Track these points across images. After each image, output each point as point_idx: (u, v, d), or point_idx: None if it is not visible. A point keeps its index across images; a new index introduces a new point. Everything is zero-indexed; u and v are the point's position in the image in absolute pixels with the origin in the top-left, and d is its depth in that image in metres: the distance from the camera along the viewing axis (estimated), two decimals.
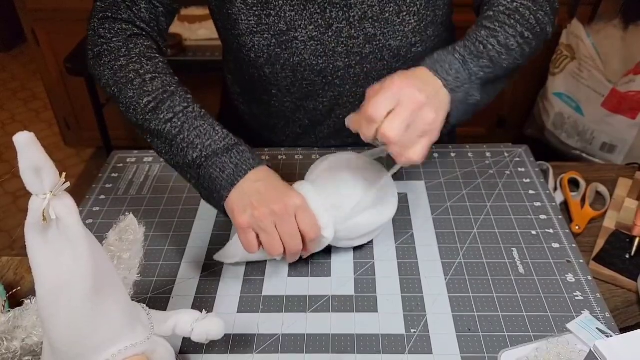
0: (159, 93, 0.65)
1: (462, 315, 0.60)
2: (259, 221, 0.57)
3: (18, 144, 0.38)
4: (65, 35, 1.94)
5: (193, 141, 0.62)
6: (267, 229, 0.58)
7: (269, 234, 0.58)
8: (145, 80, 0.65)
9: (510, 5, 0.68)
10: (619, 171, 0.85)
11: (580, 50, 1.60)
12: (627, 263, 0.69)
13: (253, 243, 0.59)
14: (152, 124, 0.64)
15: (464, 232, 0.71)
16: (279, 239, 0.58)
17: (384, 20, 0.71)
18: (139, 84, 0.65)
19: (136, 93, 0.65)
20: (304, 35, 0.72)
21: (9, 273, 0.70)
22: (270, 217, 0.58)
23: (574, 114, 1.65)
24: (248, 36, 0.72)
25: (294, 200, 0.59)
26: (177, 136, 0.63)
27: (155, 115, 0.64)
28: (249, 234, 0.59)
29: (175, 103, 0.64)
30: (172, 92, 0.65)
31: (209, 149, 0.61)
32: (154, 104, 0.64)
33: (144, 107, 0.64)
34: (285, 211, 0.58)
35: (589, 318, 0.59)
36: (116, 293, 0.46)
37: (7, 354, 0.52)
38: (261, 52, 0.73)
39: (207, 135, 0.62)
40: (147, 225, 0.71)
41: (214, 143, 0.62)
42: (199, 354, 0.58)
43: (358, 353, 0.57)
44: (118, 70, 0.67)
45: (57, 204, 0.40)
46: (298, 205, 0.59)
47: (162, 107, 0.64)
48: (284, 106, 0.82)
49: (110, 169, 0.86)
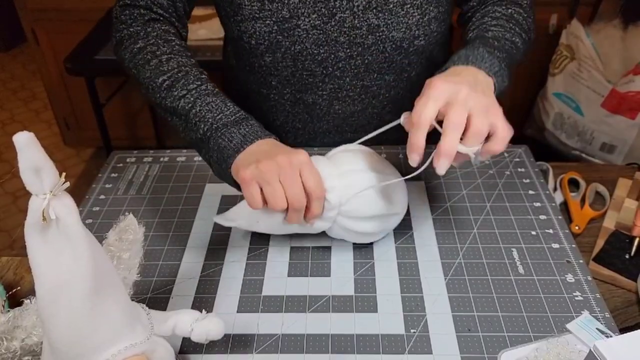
0: (173, 72, 0.67)
1: (461, 315, 0.60)
2: (263, 173, 0.57)
3: (18, 143, 0.38)
4: (65, 35, 1.94)
5: (205, 115, 0.64)
6: (270, 181, 0.57)
7: (272, 187, 0.57)
8: (161, 60, 0.68)
9: (505, 12, 0.73)
10: (618, 171, 0.85)
11: (580, 51, 1.60)
12: (626, 263, 0.69)
13: (256, 197, 0.58)
14: (167, 101, 0.66)
15: (463, 232, 0.71)
16: (283, 192, 0.57)
17: (387, 11, 0.71)
18: (155, 65, 0.68)
19: (153, 73, 0.68)
20: (306, 24, 0.72)
21: (8, 273, 0.70)
22: (275, 170, 0.57)
23: (573, 114, 1.65)
24: (250, 22, 0.72)
25: (299, 157, 0.58)
26: (189, 111, 0.64)
27: (170, 93, 0.66)
28: (253, 187, 0.57)
29: (189, 81, 0.66)
30: (187, 72, 0.67)
31: (219, 122, 0.63)
32: (168, 82, 0.67)
33: (160, 85, 0.67)
34: (289, 164, 0.57)
35: (588, 318, 0.59)
36: (116, 293, 0.46)
37: (6, 353, 0.52)
38: (262, 39, 0.73)
39: (219, 110, 0.64)
40: (147, 225, 0.71)
41: (225, 117, 0.63)
42: (199, 354, 0.58)
43: (358, 353, 0.57)
44: (137, 53, 0.70)
45: (56, 204, 0.40)
46: (303, 161, 0.58)
47: (177, 85, 0.66)
48: (284, 99, 0.82)
49: (110, 169, 0.86)
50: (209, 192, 0.80)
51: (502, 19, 0.72)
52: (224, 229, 0.73)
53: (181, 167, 0.85)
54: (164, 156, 0.88)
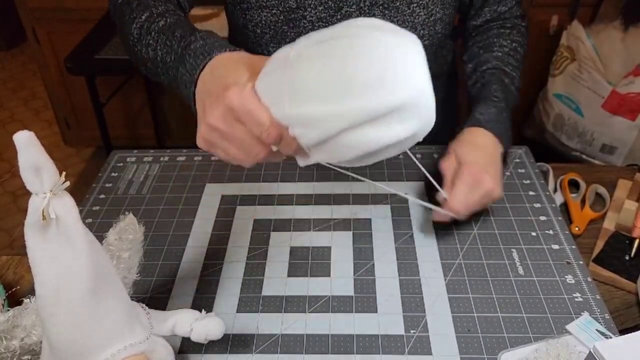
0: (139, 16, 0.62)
1: (461, 316, 0.60)
2: (207, 141, 0.49)
3: (18, 143, 0.38)
4: (66, 35, 1.94)
5: (165, 60, 0.57)
6: (219, 147, 0.48)
7: (223, 151, 0.49)
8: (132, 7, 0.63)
9: (510, 46, 0.79)
10: (618, 172, 0.85)
11: (581, 52, 1.60)
12: (626, 264, 0.69)
13: (226, 160, 0.50)
14: (143, 53, 0.61)
15: (463, 233, 0.71)
16: (237, 152, 0.48)
17: (394, 8, 0.71)
18: (128, 13, 0.63)
19: (128, 26, 0.63)
20: (312, 15, 0.71)
21: (8, 272, 0.70)
22: (214, 133, 0.48)
23: (574, 115, 1.65)
24: (256, 10, 0.71)
25: (226, 101, 0.45)
26: (157, 60, 0.58)
27: (141, 43, 0.61)
28: (215, 152, 0.50)
29: (151, 21, 0.61)
30: (151, 12, 0.61)
31: (175, 65, 0.55)
32: (137, 31, 0.61)
33: (134, 37, 0.62)
34: (219, 121, 0.46)
35: (588, 319, 0.59)
36: (116, 292, 0.46)
37: (6, 353, 0.52)
38: (268, 27, 0.73)
39: (170, 47, 0.56)
40: (146, 225, 0.71)
41: (175, 54, 0.55)
42: (199, 354, 0.58)
43: (357, 353, 0.57)
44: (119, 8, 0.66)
45: (56, 203, 0.40)
46: (231, 105, 0.45)
47: (142, 31, 0.61)
48: None
49: (110, 169, 0.85)
50: (209, 192, 0.80)
51: (511, 56, 0.80)
52: (223, 229, 0.73)
53: (181, 167, 0.85)
54: (164, 156, 0.88)
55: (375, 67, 0.39)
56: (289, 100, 0.42)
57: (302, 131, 0.43)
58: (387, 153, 0.44)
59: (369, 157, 0.44)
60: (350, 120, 0.40)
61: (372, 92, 0.39)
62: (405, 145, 0.44)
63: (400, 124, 0.41)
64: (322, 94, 0.40)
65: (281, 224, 0.74)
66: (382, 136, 0.41)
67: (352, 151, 0.43)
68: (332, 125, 0.41)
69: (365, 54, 0.40)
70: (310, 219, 0.74)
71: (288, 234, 0.72)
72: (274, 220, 0.74)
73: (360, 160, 0.45)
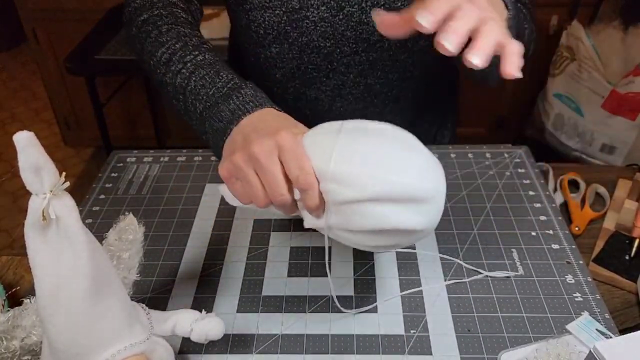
0: (172, 43, 0.62)
1: (461, 316, 0.60)
2: (237, 168, 0.49)
3: (18, 143, 0.38)
4: (66, 35, 1.94)
5: (199, 92, 0.58)
6: (245, 177, 0.49)
7: (248, 183, 0.49)
8: (161, 31, 0.64)
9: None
10: (618, 172, 0.85)
11: (580, 52, 1.60)
12: (626, 264, 0.69)
13: (239, 195, 0.51)
14: (167, 77, 0.61)
15: (463, 233, 0.71)
16: (261, 187, 0.49)
17: (395, 9, 0.71)
18: (155, 36, 0.64)
19: (152, 46, 0.63)
20: (315, 15, 0.72)
21: (8, 272, 0.70)
22: (249, 162, 0.49)
23: (573, 115, 1.65)
24: (259, 11, 0.72)
25: (277, 138, 0.48)
26: (185, 88, 0.59)
27: (168, 68, 0.61)
28: (231, 184, 0.51)
29: (187, 52, 0.61)
30: (185, 42, 0.62)
31: (212, 99, 0.56)
32: (167, 56, 0.62)
33: (159, 59, 0.62)
34: (263, 153, 0.47)
35: (588, 319, 0.59)
36: (116, 293, 0.46)
37: (6, 353, 0.52)
38: (270, 28, 0.73)
39: (212, 83, 0.57)
40: (146, 225, 0.71)
41: (217, 91, 0.57)
42: (199, 354, 0.58)
43: (357, 353, 0.57)
44: (140, 26, 0.67)
45: (56, 204, 0.40)
46: (281, 144, 0.47)
47: (174, 57, 0.61)
48: (287, 93, 0.82)
49: (110, 169, 0.86)
50: (209, 192, 0.80)
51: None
52: (223, 229, 0.73)
53: (181, 167, 0.85)
54: (164, 156, 0.88)
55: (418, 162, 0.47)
56: (337, 156, 0.46)
57: (335, 187, 0.46)
58: (390, 240, 0.49)
59: (376, 236, 0.48)
60: (384, 191, 0.45)
61: (410, 176, 0.46)
62: (406, 241, 0.50)
63: (419, 215, 0.47)
64: (368, 162, 0.46)
65: (281, 224, 0.74)
66: (402, 219, 0.46)
67: (369, 222, 0.47)
68: (367, 189, 0.45)
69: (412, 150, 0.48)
70: None
71: (288, 234, 0.72)
72: (274, 220, 0.74)
73: (367, 236, 0.49)
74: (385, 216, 0.46)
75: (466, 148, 0.86)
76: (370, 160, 0.46)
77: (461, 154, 0.85)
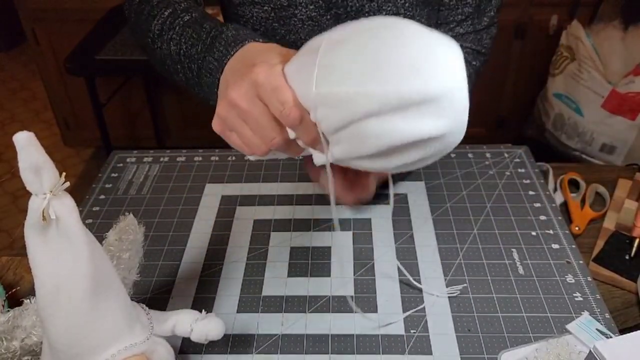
0: (161, 13, 0.61)
1: (461, 316, 0.60)
2: (224, 120, 0.46)
3: (18, 143, 0.38)
4: (65, 35, 1.94)
5: (190, 52, 0.55)
6: (234, 127, 0.46)
7: (239, 132, 0.46)
8: (152, 5, 0.63)
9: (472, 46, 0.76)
10: (618, 172, 0.85)
11: (580, 51, 1.60)
12: (626, 264, 0.69)
13: (238, 145, 0.47)
14: (163, 49, 0.60)
15: (463, 233, 0.71)
16: (252, 134, 0.45)
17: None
18: (148, 11, 0.63)
19: (147, 22, 0.63)
20: (302, 14, 0.72)
21: (8, 273, 0.70)
22: (231, 110, 0.45)
23: (573, 115, 1.65)
24: (248, 6, 0.72)
25: (251, 76, 0.43)
26: (179, 54, 0.57)
27: (162, 38, 0.60)
28: (228, 137, 0.47)
29: (175, 17, 0.60)
30: (174, 8, 0.61)
31: (201, 55, 0.53)
32: (159, 26, 0.61)
33: (154, 32, 0.61)
34: (240, 96, 0.44)
35: (588, 319, 0.59)
36: (116, 293, 0.46)
37: (6, 353, 0.52)
38: (258, 24, 0.73)
39: (198, 39, 0.55)
40: (146, 225, 0.71)
41: (202, 45, 0.54)
42: (199, 354, 0.58)
43: (358, 353, 0.57)
44: (137, 9, 0.66)
45: (56, 204, 0.40)
46: (256, 81, 0.43)
47: (164, 26, 0.60)
48: None
49: (110, 169, 0.85)
50: (209, 192, 0.80)
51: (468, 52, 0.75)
52: (223, 229, 0.73)
53: (181, 167, 0.85)
54: (164, 156, 0.88)
55: (414, 54, 0.38)
56: (317, 79, 0.40)
57: (325, 112, 0.40)
58: (410, 156, 0.41)
59: (391, 155, 0.40)
60: (380, 103, 0.37)
61: (407, 78, 0.37)
62: (431, 152, 0.41)
63: (431, 119, 0.38)
64: (353, 74, 0.38)
65: (281, 224, 0.74)
66: (410, 128, 0.38)
67: (374, 142, 0.39)
68: (359, 107, 0.38)
69: (405, 41, 0.38)
70: (310, 219, 0.74)
71: (288, 234, 0.72)
72: (274, 220, 0.74)
73: (382, 158, 0.41)
74: (392, 131, 0.38)
75: (466, 148, 0.86)
76: (357, 71, 0.38)
77: (461, 154, 0.85)
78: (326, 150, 0.43)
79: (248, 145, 0.46)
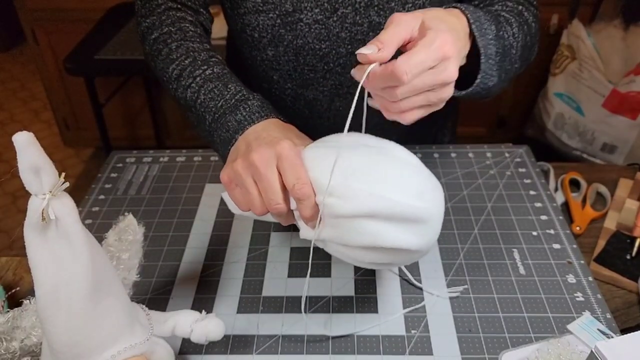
0: (181, 59, 0.65)
1: (462, 316, 0.60)
2: (237, 174, 0.51)
3: (17, 143, 0.37)
4: (65, 35, 1.94)
5: (208, 104, 0.61)
6: (244, 184, 0.51)
7: (247, 189, 0.51)
8: (171, 49, 0.67)
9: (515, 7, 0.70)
10: (619, 172, 0.85)
11: (581, 51, 1.60)
12: (627, 264, 0.69)
13: (237, 201, 0.53)
14: (179, 92, 0.64)
15: (464, 233, 0.71)
16: (257, 195, 0.50)
17: (389, 9, 0.71)
18: (166, 54, 0.67)
19: (164, 63, 0.66)
20: (309, 18, 0.72)
21: (8, 273, 0.70)
22: (248, 170, 0.50)
23: (574, 114, 1.65)
24: (253, 15, 0.72)
25: (277, 148, 0.49)
26: (195, 102, 0.62)
27: (179, 83, 0.64)
28: (232, 190, 0.53)
29: (196, 67, 0.64)
30: (194, 57, 0.65)
31: (220, 110, 0.59)
32: (177, 72, 0.65)
33: (171, 75, 0.65)
34: (262, 161, 0.49)
35: (589, 319, 0.59)
36: (115, 293, 0.46)
37: (6, 354, 0.52)
38: (265, 31, 0.73)
39: (220, 96, 0.60)
40: (146, 226, 0.71)
41: (225, 103, 0.60)
42: (199, 355, 0.57)
43: (358, 354, 0.57)
44: (152, 44, 0.69)
45: (56, 204, 0.40)
46: (280, 153, 0.49)
47: (184, 73, 0.64)
48: (285, 94, 0.82)
49: (110, 169, 0.85)
50: (209, 192, 0.80)
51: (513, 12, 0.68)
52: (223, 230, 0.73)
53: (181, 167, 0.85)
54: (163, 156, 0.88)
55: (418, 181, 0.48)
56: (337, 170, 0.47)
57: (334, 201, 0.47)
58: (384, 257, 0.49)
59: (370, 252, 0.49)
60: (385, 209, 0.46)
61: (413, 198, 0.47)
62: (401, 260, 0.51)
63: (416, 235, 0.48)
64: (368, 177, 0.47)
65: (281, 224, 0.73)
66: (397, 237, 0.47)
67: (365, 238, 0.47)
68: (367, 206, 0.46)
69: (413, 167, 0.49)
70: None
71: (288, 234, 0.72)
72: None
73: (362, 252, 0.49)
74: (380, 233, 0.47)
75: (467, 148, 0.86)
76: (369, 176, 0.47)
77: (462, 154, 0.85)
78: (317, 228, 0.50)
79: (249, 202, 0.51)
